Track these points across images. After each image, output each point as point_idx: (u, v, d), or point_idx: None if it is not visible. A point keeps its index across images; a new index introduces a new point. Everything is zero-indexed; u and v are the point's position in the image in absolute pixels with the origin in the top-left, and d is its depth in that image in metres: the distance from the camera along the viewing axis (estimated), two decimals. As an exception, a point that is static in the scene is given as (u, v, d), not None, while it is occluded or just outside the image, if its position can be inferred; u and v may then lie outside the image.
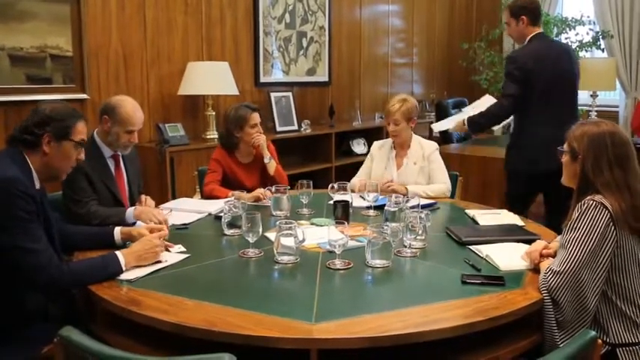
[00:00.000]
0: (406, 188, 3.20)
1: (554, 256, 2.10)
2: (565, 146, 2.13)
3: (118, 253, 2.11)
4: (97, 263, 2.08)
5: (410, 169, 3.37)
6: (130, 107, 2.76)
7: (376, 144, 3.58)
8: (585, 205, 1.95)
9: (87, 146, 2.77)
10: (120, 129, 2.73)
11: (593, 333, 1.50)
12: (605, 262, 1.92)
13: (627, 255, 1.94)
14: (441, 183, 3.33)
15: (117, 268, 2.07)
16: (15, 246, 1.93)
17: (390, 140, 3.48)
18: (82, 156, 2.23)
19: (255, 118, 3.34)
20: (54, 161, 2.13)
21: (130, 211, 2.66)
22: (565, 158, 2.12)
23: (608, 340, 1.94)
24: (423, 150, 3.40)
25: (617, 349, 1.93)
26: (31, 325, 2.07)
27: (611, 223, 1.91)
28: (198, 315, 1.76)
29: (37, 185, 2.10)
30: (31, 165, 2.09)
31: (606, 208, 1.92)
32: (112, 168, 2.81)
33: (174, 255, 2.28)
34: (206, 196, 3.26)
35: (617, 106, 6.98)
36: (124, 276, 2.05)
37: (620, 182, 1.96)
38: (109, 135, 2.75)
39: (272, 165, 3.38)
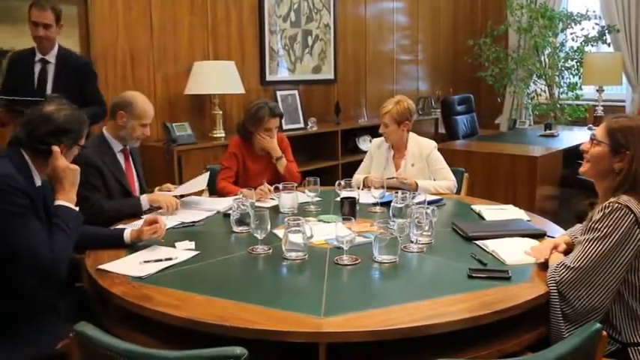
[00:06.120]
0: (416, 183, 3.22)
1: (562, 252, 2.10)
2: (600, 136, 1.99)
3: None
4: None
5: (408, 171, 3.37)
6: (144, 102, 2.92)
7: (375, 142, 3.58)
8: (609, 208, 1.88)
9: (98, 142, 2.85)
10: (135, 123, 2.87)
11: (599, 325, 1.51)
12: (624, 264, 1.87)
13: None
14: (447, 180, 3.34)
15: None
16: (12, 240, 1.95)
17: None
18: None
19: (272, 123, 3.32)
20: None
21: (144, 198, 2.83)
22: (597, 149, 1.99)
23: (619, 338, 1.93)
24: (421, 150, 3.40)
25: (629, 348, 1.92)
26: (42, 321, 2.10)
27: (635, 227, 1.86)
28: (209, 310, 1.79)
29: (38, 182, 2.12)
30: (31, 163, 2.10)
31: (632, 211, 1.86)
32: (122, 162, 2.92)
33: (184, 252, 2.31)
34: (218, 193, 3.29)
35: (623, 101, 6.96)
36: (134, 273, 2.08)
37: None
38: (124, 129, 2.87)
39: (281, 163, 3.40)
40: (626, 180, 1.93)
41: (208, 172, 3.25)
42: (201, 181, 3.11)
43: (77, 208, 2.15)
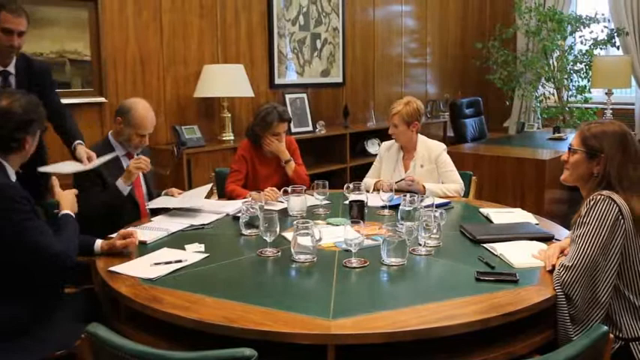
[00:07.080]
0: (424, 186, 3.23)
1: None
2: (576, 145, 2.10)
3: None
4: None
5: (417, 172, 3.39)
6: (143, 112, 2.86)
7: (384, 145, 3.60)
8: (593, 201, 1.96)
9: (102, 145, 2.88)
10: (131, 131, 2.86)
11: (605, 327, 1.53)
12: (616, 254, 1.93)
13: (638, 247, 1.95)
14: (455, 183, 3.35)
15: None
16: (29, 241, 2.01)
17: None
18: None
19: (280, 127, 3.34)
20: (30, 151, 2.20)
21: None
22: (575, 157, 2.10)
23: (620, 335, 1.96)
24: (430, 152, 3.42)
25: (631, 344, 1.95)
26: (51, 322, 2.12)
27: (620, 217, 1.92)
28: (219, 312, 1.81)
29: (14, 178, 2.15)
30: (4, 162, 2.12)
31: (615, 202, 1.93)
32: (127, 166, 2.90)
33: (194, 254, 2.33)
34: (227, 196, 3.31)
35: (632, 104, 6.93)
36: (145, 275, 2.10)
37: None
38: (122, 135, 2.87)
39: (290, 166, 3.41)
40: (602, 180, 2.02)
41: (211, 184, 3.30)
42: (202, 191, 3.09)
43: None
